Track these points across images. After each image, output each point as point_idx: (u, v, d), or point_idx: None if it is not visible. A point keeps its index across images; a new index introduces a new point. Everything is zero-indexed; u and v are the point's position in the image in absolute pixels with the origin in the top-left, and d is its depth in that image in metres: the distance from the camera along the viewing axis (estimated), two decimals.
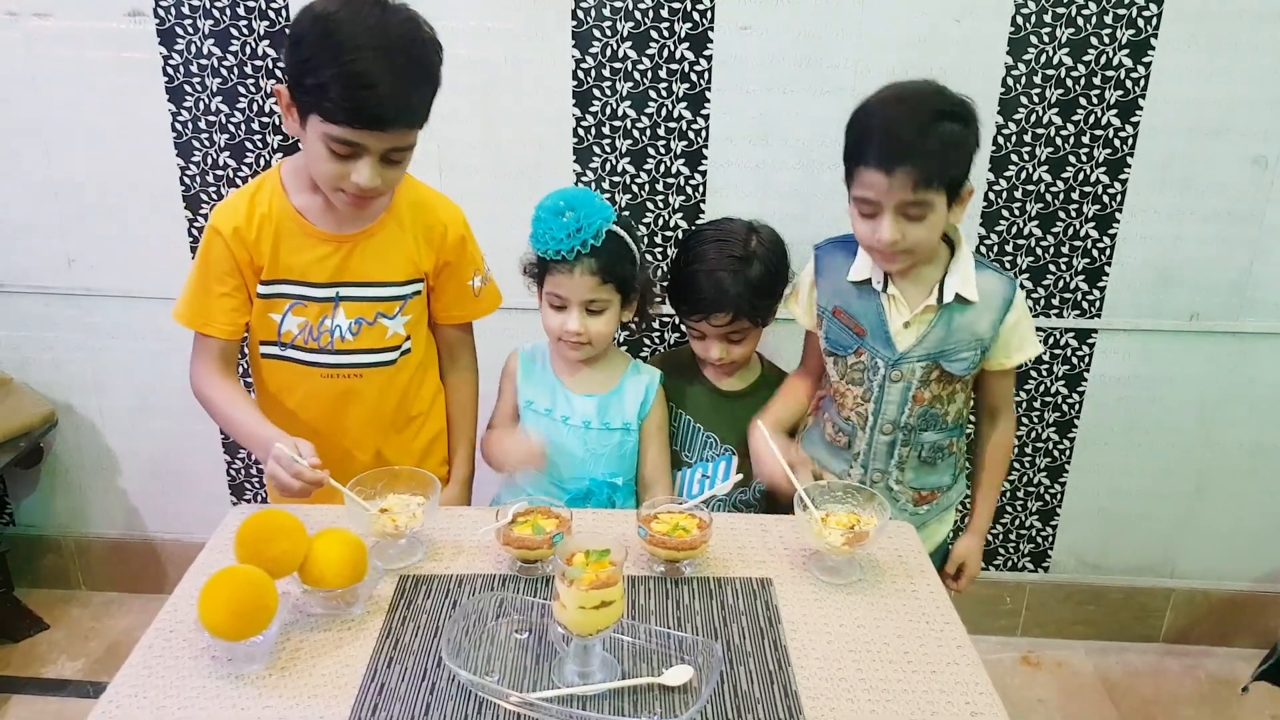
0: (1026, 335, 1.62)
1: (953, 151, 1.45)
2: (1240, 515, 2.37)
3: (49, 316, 2.32)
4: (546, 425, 1.68)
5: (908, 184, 1.42)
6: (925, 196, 1.44)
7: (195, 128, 2.12)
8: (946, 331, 1.57)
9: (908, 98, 1.48)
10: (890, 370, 1.59)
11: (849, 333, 1.62)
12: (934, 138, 1.43)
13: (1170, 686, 2.36)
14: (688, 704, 1.13)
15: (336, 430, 1.62)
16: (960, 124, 1.45)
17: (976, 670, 1.21)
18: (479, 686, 1.14)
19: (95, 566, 2.58)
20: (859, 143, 1.49)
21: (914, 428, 1.63)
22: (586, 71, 2.03)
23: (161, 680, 1.16)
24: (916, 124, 1.43)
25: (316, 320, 1.55)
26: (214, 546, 1.43)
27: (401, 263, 1.57)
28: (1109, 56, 1.98)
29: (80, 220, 2.22)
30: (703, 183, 2.11)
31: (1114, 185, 2.08)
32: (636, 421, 1.70)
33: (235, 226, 1.49)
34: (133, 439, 2.44)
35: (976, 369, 1.62)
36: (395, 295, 1.58)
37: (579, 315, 1.61)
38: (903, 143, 1.42)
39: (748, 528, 1.51)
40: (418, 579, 1.36)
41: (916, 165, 1.41)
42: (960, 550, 1.79)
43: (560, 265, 1.58)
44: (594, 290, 1.60)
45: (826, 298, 1.65)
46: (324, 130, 1.35)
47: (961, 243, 1.58)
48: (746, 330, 1.74)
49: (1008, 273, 1.66)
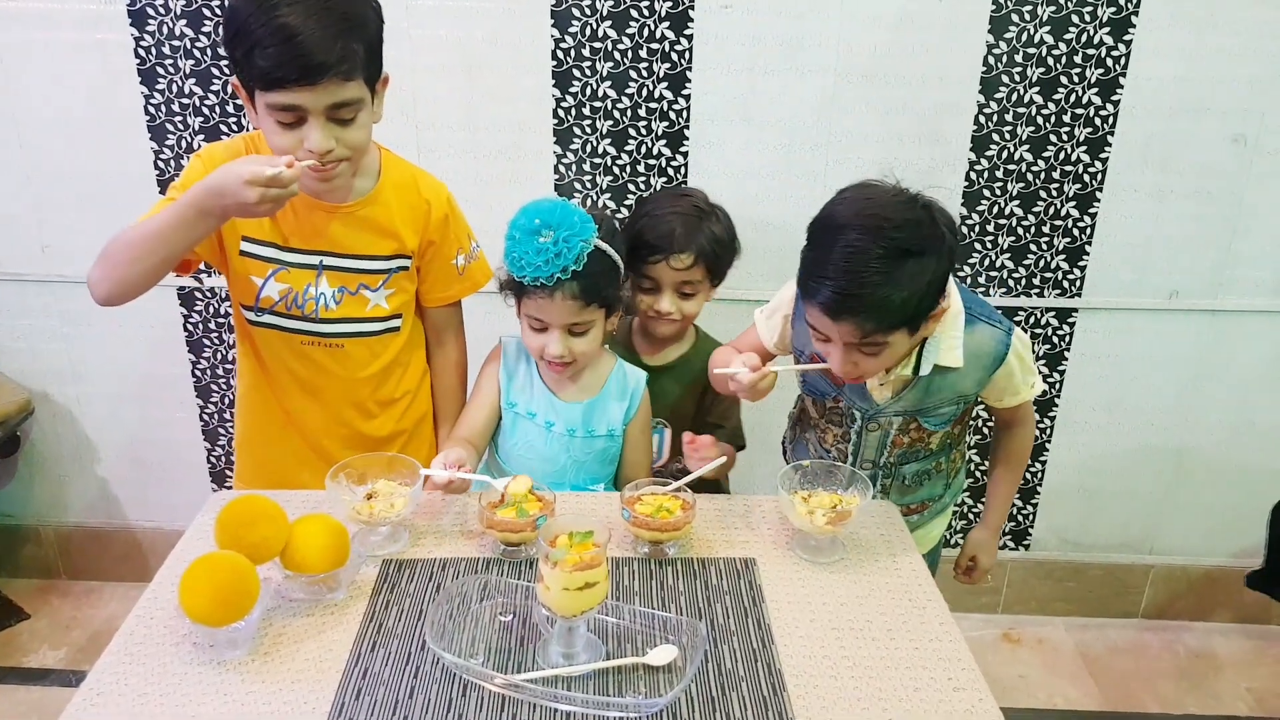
0: (1021, 382, 1.52)
1: (910, 298, 1.28)
2: (1218, 492, 2.39)
3: (23, 304, 2.29)
4: (527, 429, 1.62)
5: (855, 333, 1.31)
6: (876, 339, 1.32)
7: (169, 111, 2.09)
8: (924, 394, 1.48)
9: (869, 227, 1.28)
10: (867, 422, 1.53)
11: (825, 380, 1.55)
12: (888, 287, 1.27)
13: (1149, 661, 2.39)
14: (672, 683, 1.13)
15: (315, 401, 1.61)
16: (927, 258, 1.29)
17: (958, 647, 1.21)
18: (463, 669, 1.14)
19: (75, 555, 2.56)
20: (809, 274, 1.33)
21: (894, 464, 1.58)
22: (566, 51, 2.01)
23: (143, 667, 1.16)
24: (867, 272, 1.26)
25: (301, 287, 1.53)
26: (194, 533, 1.42)
27: (385, 241, 1.55)
28: (1090, 35, 1.98)
29: (53, 206, 2.19)
30: (684, 164, 2.10)
31: (1095, 164, 2.08)
32: (621, 427, 1.64)
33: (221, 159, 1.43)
34: (111, 426, 2.42)
35: (954, 421, 1.54)
36: (379, 269, 1.56)
37: (561, 337, 1.51)
38: (852, 294, 1.27)
39: (731, 508, 1.51)
40: (401, 563, 1.35)
41: (865, 318, 1.29)
42: (973, 541, 1.74)
43: (539, 290, 1.47)
44: (577, 314, 1.49)
45: (803, 341, 1.51)
46: (266, 101, 1.34)
47: (950, 306, 1.42)
48: (699, 284, 1.70)
49: (1004, 323, 1.47)
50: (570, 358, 1.53)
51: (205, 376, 2.33)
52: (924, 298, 1.31)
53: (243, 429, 1.71)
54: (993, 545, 1.74)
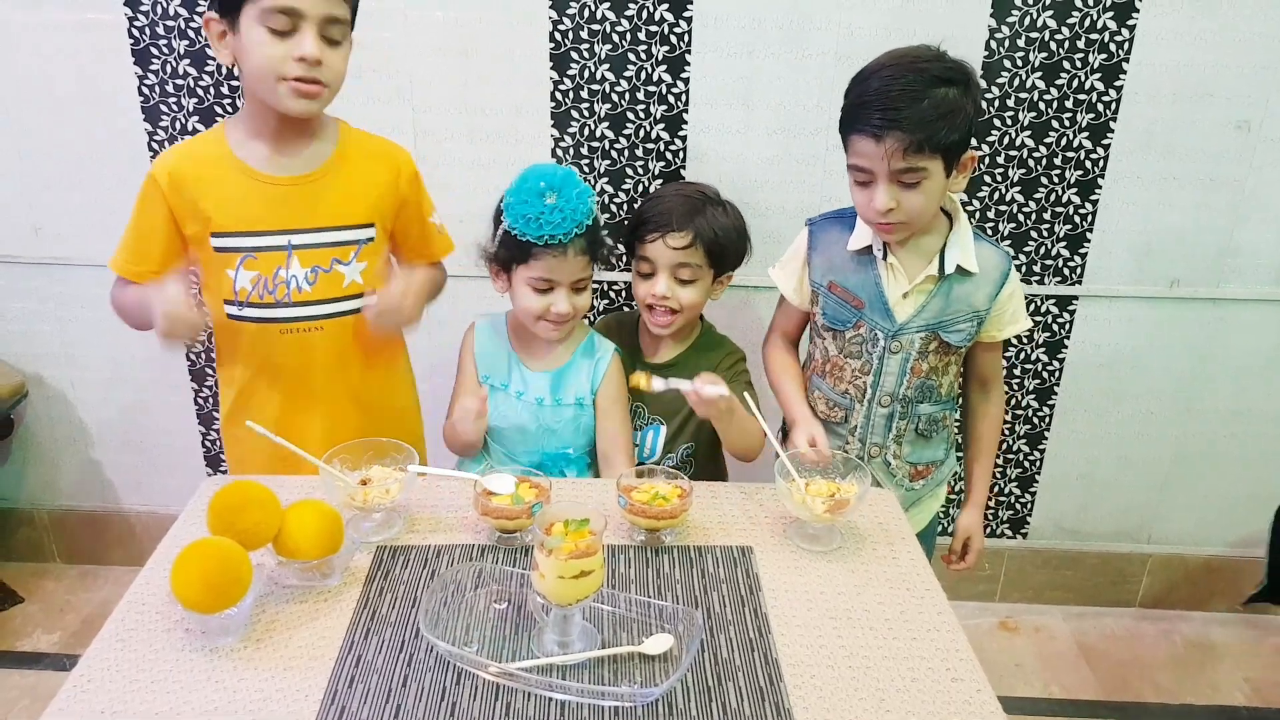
0: (1019, 309, 1.64)
1: (947, 117, 1.40)
2: (1217, 481, 2.38)
3: (16, 286, 2.27)
4: (500, 400, 1.68)
5: (899, 150, 1.40)
6: (918, 163, 1.42)
7: (163, 91, 2.07)
8: (945, 302, 1.56)
9: (901, 62, 1.44)
10: (890, 341, 1.58)
11: (847, 306, 1.60)
12: (925, 102, 1.39)
13: (1146, 651, 2.39)
14: (668, 672, 1.12)
15: (302, 389, 1.59)
16: (957, 88, 1.42)
17: (956, 635, 1.21)
18: (457, 657, 1.13)
19: (69, 539, 2.55)
20: (851, 109, 1.47)
21: (911, 399, 1.62)
22: (564, 34, 1.99)
23: (135, 653, 1.15)
24: (908, 89, 1.40)
25: (270, 272, 1.51)
26: (187, 518, 1.41)
27: (353, 206, 1.54)
28: (1093, 19, 1.96)
29: (46, 187, 2.17)
30: (683, 148, 2.08)
31: (1097, 150, 2.06)
32: (590, 396, 1.68)
33: (170, 171, 1.48)
34: (105, 410, 2.40)
35: (973, 340, 1.61)
36: (349, 240, 1.54)
37: (567, 295, 1.59)
38: (893, 108, 1.39)
39: (728, 496, 1.50)
40: (395, 550, 1.34)
41: (907, 131, 1.39)
42: (964, 525, 1.79)
43: (551, 249, 1.54)
44: (583, 270, 1.60)
45: (821, 273, 1.63)
46: (260, 8, 1.34)
47: (960, 214, 1.57)
48: (698, 271, 1.67)
49: (1003, 246, 1.63)
50: (574, 314, 1.61)
51: (200, 360, 2.32)
52: (959, 125, 1.42)
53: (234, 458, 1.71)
54: (980, 524, 1.80)
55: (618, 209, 2.13)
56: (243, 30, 1.37)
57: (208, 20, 1.42)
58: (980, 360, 1.70)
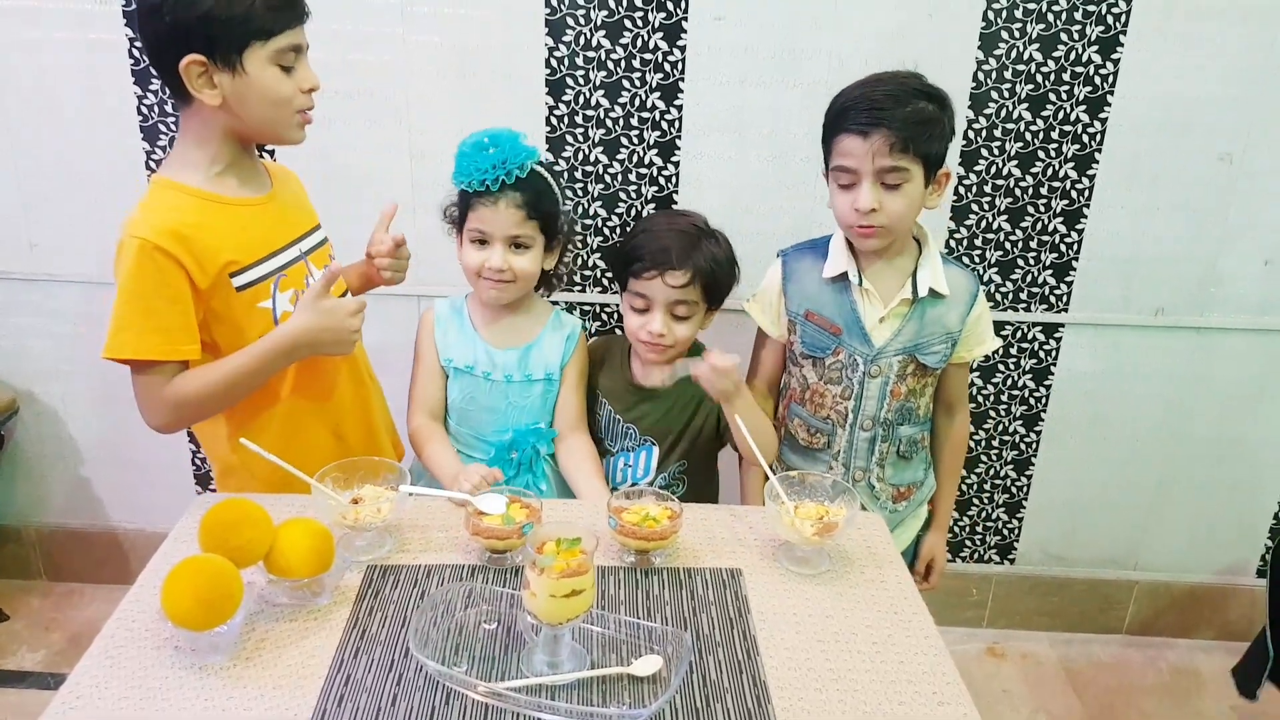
0: (987, 329, 1.68)
1: (928, 124, 1.48)
2: (1203, 508, 2.40)
3: (10, 302, 2.27)
4: (467, 382, 1.70)
5: (884, 147, 1.46)
6: (901, 162, 1.47)
7: (161, 111, 2.08)
8: (920, 325, 1.60)
9: (883, 76, 1.54)
10: (869, 366, 1.61)
11: (824, 333, 1.63)
12: (909, 107, 1.48)
13: (1133, 677, 2.40)
14: (657, 694, 1.13)
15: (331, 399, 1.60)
16: (935, 104, 1.50)
17: (943, 660, 1.22)
18: (447, 677, 1.13)
19: (57, 556, 2.54)
20: (836, 115, 1.54)
21: (892, 422, 1.65)
22: (560, 60, 2.02)
23: (123, 671, 1.14)
24: (892, 94, 1.49)
25: (302, 284, 1.53)
26: (178, 535, 1.41)
27: (308, 211, 1.62)
28: (1078, 53, 1.99)
29: (43, 204, 2.18)
30: (676, 173, 2.10)
31: (1082, 180, 2.10)
32: (558, 371, 1.72)
33: (170, 230, 1.35)
34: (96, 427, 2.40)
35: (947, 361, 1.65)
36: (322, 239, 1.62)
37: (503, 251, 1.60)
38: (879, 108, 1.47)
39: (718, 518, 1.51)
40: (385, 569, 1.34)
41: (892, 129, 1.46)
42: (928, 547, 1.84)
43: (484, 199, 1.58)
44: (519, 225, 1.60)
45: (796, 303, 1.66)
46: (272, 49, 1.37)
47: (928, 238, 1.62)
48: (694, 306, 1.67)
49: (969, 267, 1.73)
50: (511, 274, 1.61)
51: None
52: (938, 135, 1.50)
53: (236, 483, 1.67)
54: (944, 545, 1.87)
55: (611, 232, 2.15)
56: (251, 72, 1.36)
57: (191, 63, 1.33)
58: (947, 382, 1.73)
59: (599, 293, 2.19)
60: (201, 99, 1.36)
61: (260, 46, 1.36)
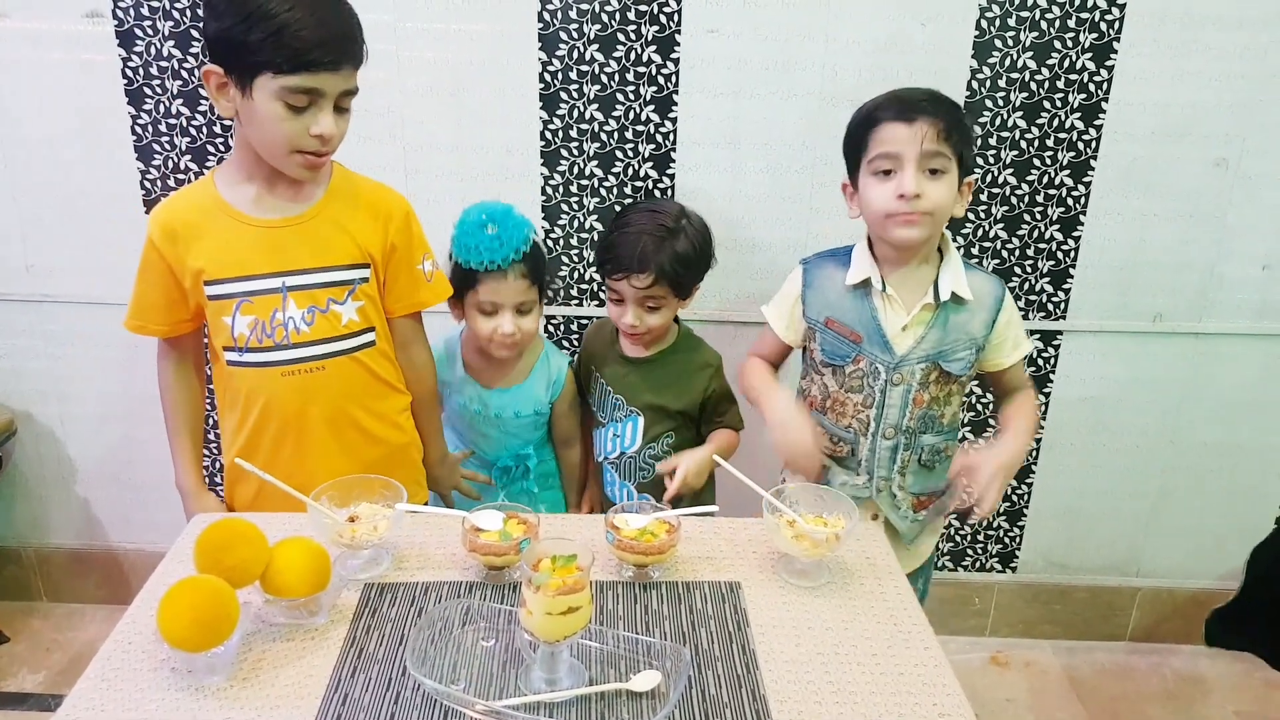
0: (1020, 334, 1.66)
1: (962, 123, 1.50)
2: (1204, 514, 2.39)
3: (7, 323, 2.27)
4: (460, 409, 1.87)
5: (930, 133, 1.47)
6: (945, 149, 1.48)
7: (156, 131, 2.09)
8: (943, 332, 1.58)
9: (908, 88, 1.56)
10: (891, 374, 1.59)
11: (845, 341, 1.61)
12: (946, 104, 1.51)
13: (1137, 684, 2.39)
14: (656, 709, 1.12)
15: (307, 431, 1.58)
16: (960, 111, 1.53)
17: (944, 672, 1.21)
18: (444, 695, 1.13)
19: (56, 577, 2.53)
20: (870, 112, 1.54)
21: (914, 430, 1.62)
22: (553, 74, 2.02)
23: (120, 693, 1.14)
24: (927, 92, 1.52)
25: (267, 315, 1.52)
26: (174, 556, 1.40)
27: (345, 247, 1.55)
28: (1072, 60, 2.00)
29: (39, 225, 2.18)
30: (671, 186, 2.11)
31: (1078, 188, 2.10)
32: (547, 406, 1.88)
33: (161, 224, 1.51)
34: (94, 447, 2.40)
35: (973, 369, 1.62)
36: (343, 280, 1.55)
37: (512, 317, 1.74)
38: (921, 99, 1.50)
39: (717, 531, 1.51)
40: (382, 587, 1.34)
41: (936, 116, 1.47)
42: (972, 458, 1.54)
43: (493, 274, 1.71)
44: (524, 293, 1.74)
45: (816, 310, 1.65)
46: (279, 85, 1.36)
47: (950, 244, 1.60)
48: (663, 300, 1.78)
49: (992, 273, 1.70)
50: (519, 335, 1.75)
51: None
52: (968, 137, 1.52)
53: None
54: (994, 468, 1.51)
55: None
56: (256, 99, 1.38)
57: (209, 72, 1.40)
58: (1001, 381, 1.70)
59: (595, 306, 2.19)
60: (220, 110, 1.44)
61: (269, 79, 1.36)
